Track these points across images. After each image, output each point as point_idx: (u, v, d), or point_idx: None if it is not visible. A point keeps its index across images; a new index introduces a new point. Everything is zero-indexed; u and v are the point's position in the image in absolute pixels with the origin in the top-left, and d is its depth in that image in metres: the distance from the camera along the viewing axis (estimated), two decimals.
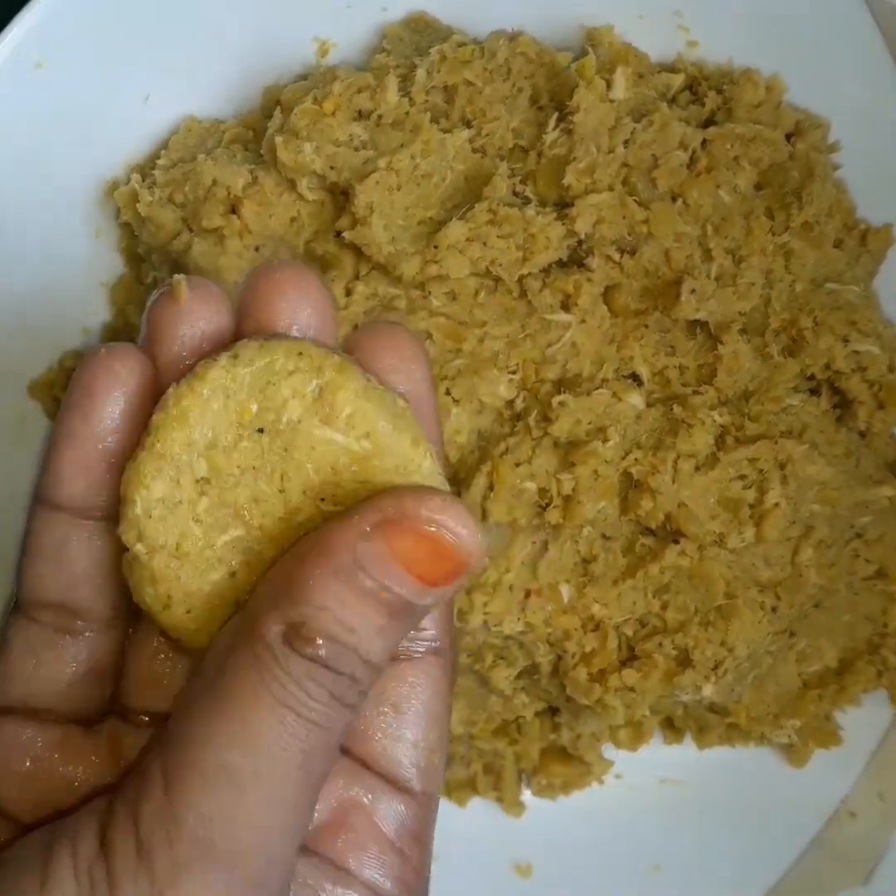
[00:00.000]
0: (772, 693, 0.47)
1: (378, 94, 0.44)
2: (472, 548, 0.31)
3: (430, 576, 0.31)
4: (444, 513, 0.30)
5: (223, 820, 0.29)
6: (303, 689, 0.30)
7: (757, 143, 0.45)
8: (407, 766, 0.35)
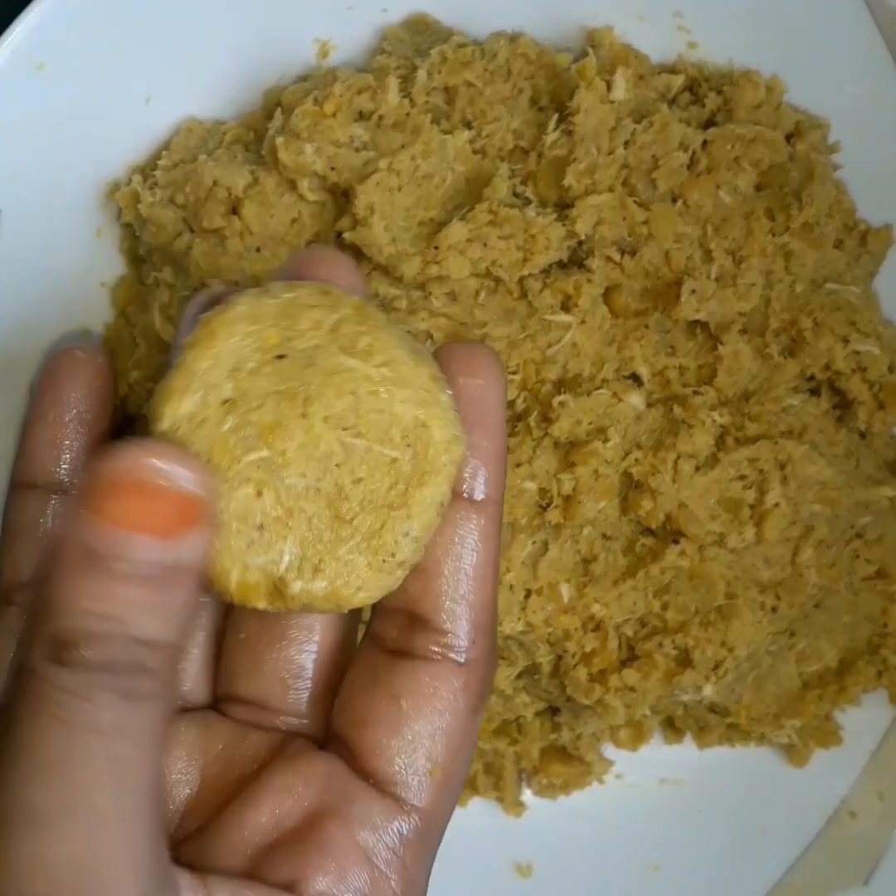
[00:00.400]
0: (772, 693, 0.47)
1: (379, 95, 0.44)
2: (186, 481, 0.29)
3: (160, 526, 0.28)
4: (141, 457, 0.28)
5: (35, 865, 0.26)
6: (89, 700, 0.27)
7: (757, 143, 0.45)
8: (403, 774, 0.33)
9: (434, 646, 0.34)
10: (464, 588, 0.34)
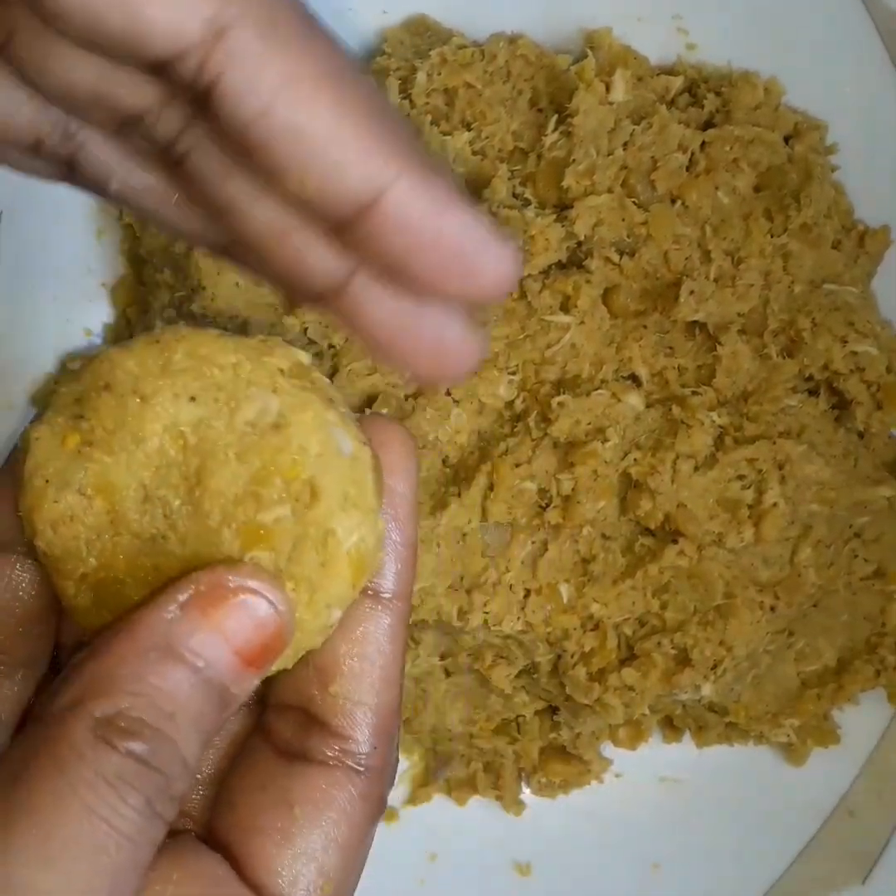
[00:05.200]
0: (770, 692, 0.47)
1: None
2: (289, 620, 0.29)
3: (249, 651, 0.29)
4: (260, 583, 0.29)
5: None
6: (118, 793, 0.26)
7: (755, 144, 0.46)
8: (292, 890, 0.31)
9: (331, 751, 0.32)
10: (366, 691, 0.32)
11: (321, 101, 0.27)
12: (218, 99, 0.27)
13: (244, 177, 0.30)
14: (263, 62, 0.27)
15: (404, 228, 0.28)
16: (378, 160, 0.28)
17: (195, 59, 0.27)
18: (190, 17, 0.27)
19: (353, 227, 0.29)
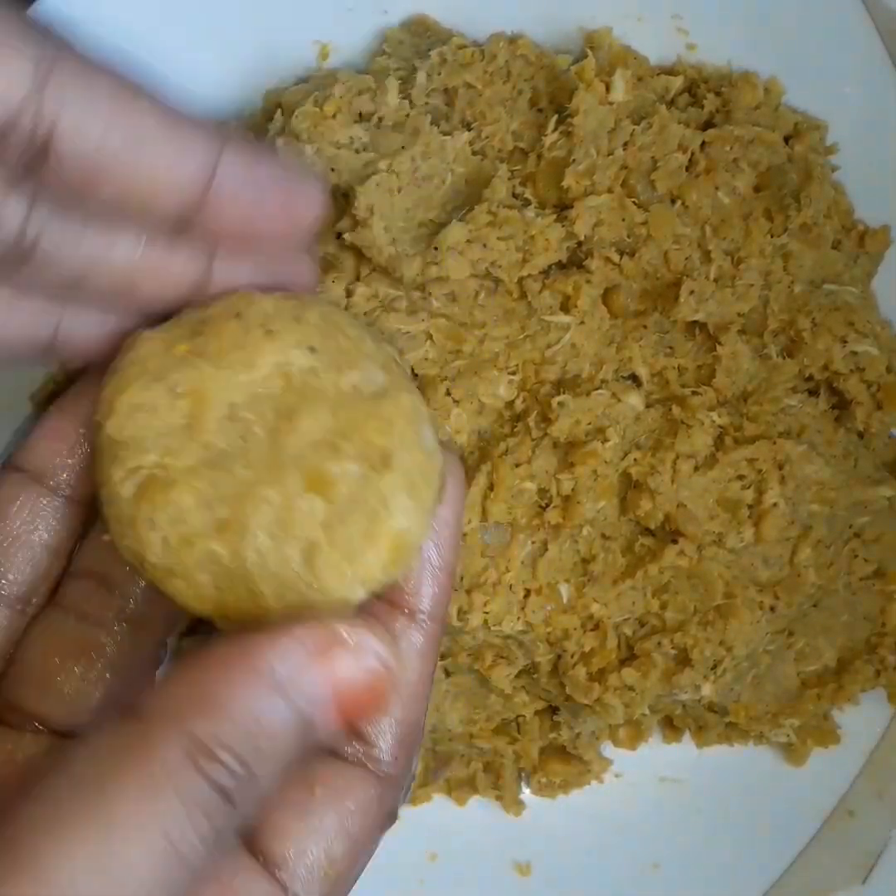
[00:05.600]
0: (770, 692, 0.47)
1: (378, 96, 0.44)
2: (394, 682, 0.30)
3: (352, 708, 0.29)
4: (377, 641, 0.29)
5: None
6: (192, 820, 0.26)
7: (755, 144, 0.46)
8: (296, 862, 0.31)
9: (357, 752, 0.33)
10: (394, 704, 0.33)
11: (144, 108, 0.30)
12: (58, 143, 0.29)
13: (95, 230, 0.32)
14: (91, 90, 0.29)
15: (243, 195, 0.32)
16: (203, 140, 0.31)
17: (29, 112, 0.28)
18: (15, 70, 0.28)
19: (199, 213, 0.32)
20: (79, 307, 0.34)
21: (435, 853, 0.51)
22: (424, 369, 0.44)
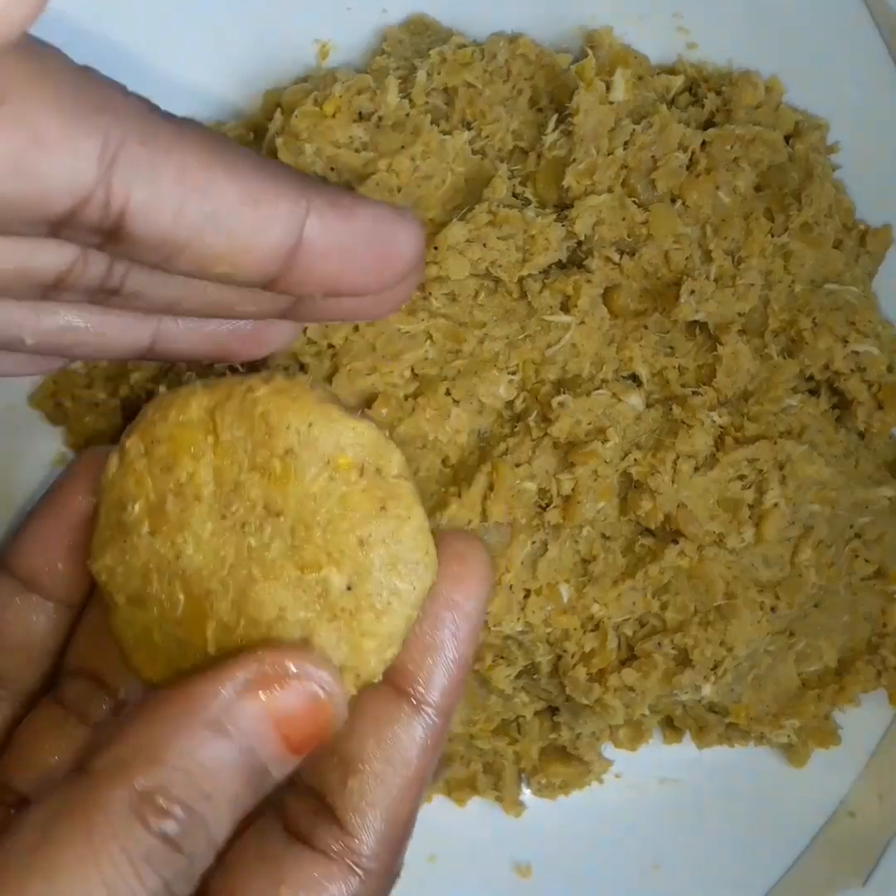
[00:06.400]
0: (771, 693, 0.47)
1: (378, 95, 0.44)
2: (342, 709, 0.29)
3: (297, 738, 0.29)
4: (320, 672, 0.29)
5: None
6: (139, 874, 0.26)
7: (756, 144, 0.45)
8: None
9: (336, 844, 0.32)
10: (383, 796, 0.32)
11: (219, 182, 0.29)
12: (130, 223, 0.28)
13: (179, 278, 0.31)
14: (159, 170, 0.28)
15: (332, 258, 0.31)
16: (284, 208, 0.30)
17: (98, 198, 0.27)
18: (83, 158, 0.27)
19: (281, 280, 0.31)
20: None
21: (435, 854, 0.50)
22: (424, 369, 0.44)
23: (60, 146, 0.26)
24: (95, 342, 0.33)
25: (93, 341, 0.33)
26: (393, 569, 0.32)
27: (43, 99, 0.26)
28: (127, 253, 0.29)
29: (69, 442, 0.48)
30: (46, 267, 0.30)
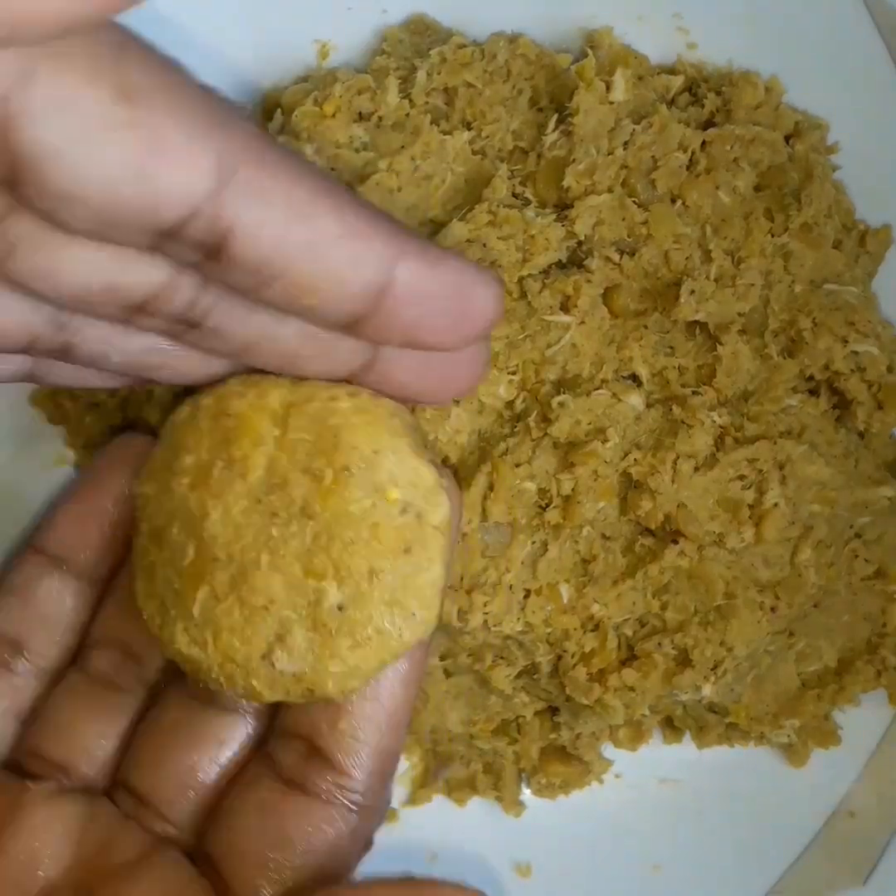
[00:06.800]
0: (771, 693, 0.47)
1: (378, 95, 0.44)
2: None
3: None
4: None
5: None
6: None
7: (756, 144, 0.45)
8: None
9: (330, 785, 0.33)
10: (373, 733, 0.33)
11: (321, 213, 0.29)
12: (233, 243, 0.28)
13: (264, 311, 0.31)
14: (268, 194, 0.28)
15: (417, 304, 0.31)
16: (380, 247, 0.30)
17: (207, 214, 0.28)
18: (199, 171, 0.27)
19: (364, 322, 0.31)
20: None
21: (435, 854, 0.50)
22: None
23: (180, 157, 0.27)
24: (177, 364, 0.34)
25: (174, 364, 0.34)
26: (389, 609, 0.32)
27: (167, 109, 0.27)
28: (222, 274, 0.30)
29: (69, 442, 0.48)
30: (136, 286, 0.30)
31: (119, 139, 0.26)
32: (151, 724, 0.38)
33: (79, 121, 0.26)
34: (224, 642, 0.33)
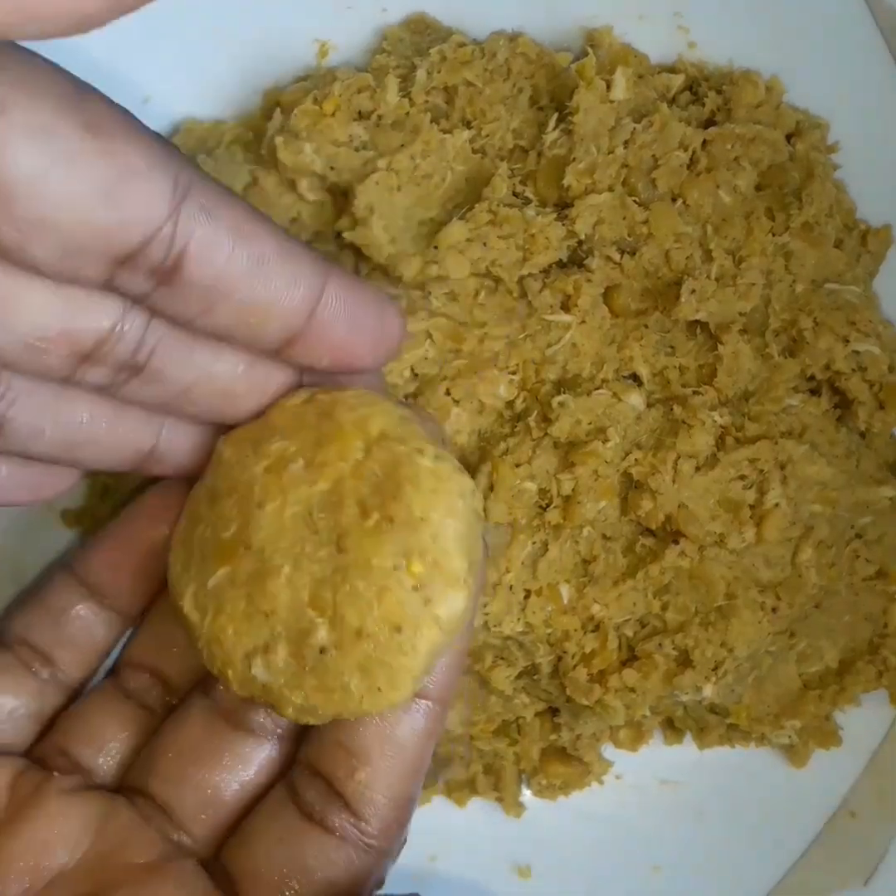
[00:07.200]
0: (772, 693, 0.47)
1: (378, 94, 0.44)
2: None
3: None
4: None
5: None
6: None
7: (757, 143, 0.45)
8: None
9: (347, 826, 0.35)
10: (391, 784, 0.35)
11: (261, 234, 0.32)
12: (187, 264, 0.31)
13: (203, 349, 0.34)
14: (217, 214, 0.31)
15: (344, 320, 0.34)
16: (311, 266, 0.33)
17: (165, 234, 0.30)
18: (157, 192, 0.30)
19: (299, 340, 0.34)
20: (178, 419, 0.36)
21: (435, 854, 0.50)
22: (424, 369, 0.44)
23: (144, 181, 0.29)
24: (104, 441, 0.35)
25: (102, 440, 0.35)
26: (359, 673, 0.33)
27: (128, 140, 0.29)
28: (171, 302, 0.32)
29: None
30: (89, 329, 0.32)
31: (91, 165, 0.28)
32: (177, 737, 0.39)
33: (55, 147, 0.28)
34: (219, 625, 0.34)
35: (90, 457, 0.36)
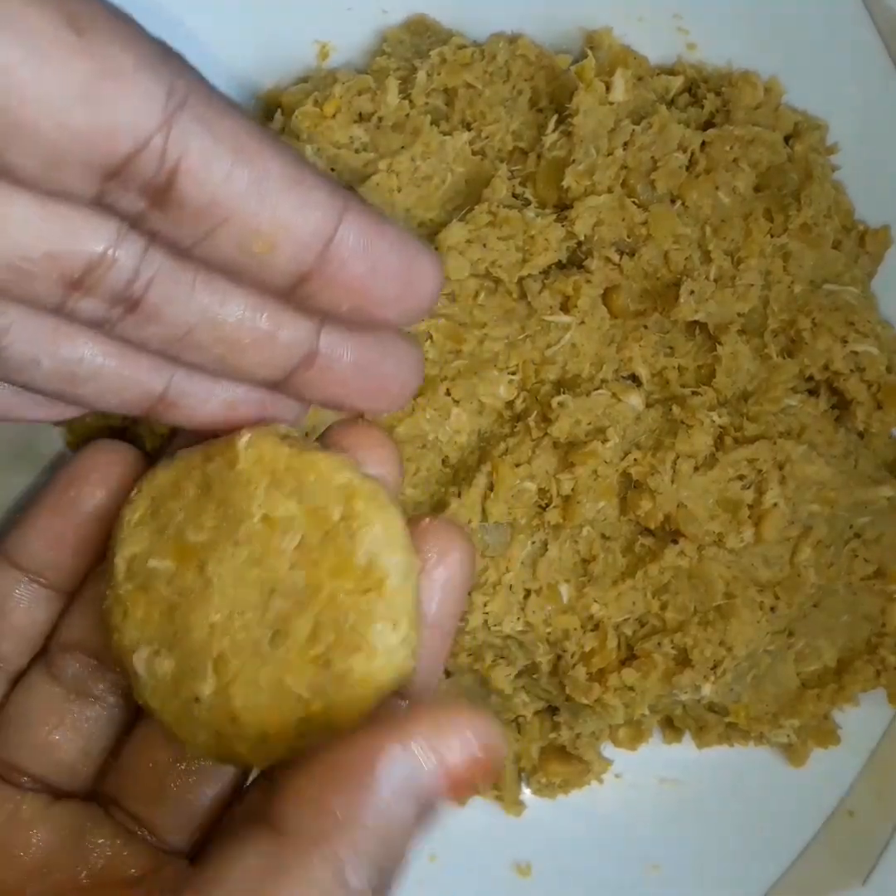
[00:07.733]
0: (771, 693, 0.47)
1: (378, 96, 0.44)
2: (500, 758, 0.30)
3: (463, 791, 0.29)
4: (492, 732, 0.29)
5: None
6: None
7: (756, 144, 0.45)
8: None
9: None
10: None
11: (266, 155, 0.29)
12: (181, 181, 0.28)
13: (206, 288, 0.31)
14: (216, 130, 0.28)
15: (364, 259, 0.30)
16: (326, 196, 0.30)
17: (156, 146, 0.27)
18: (150, 99, 0.27)
19: (313, 278, 0.30)
20: (188, 368, 0.33)
21: (435, 853, 0.50)
22: (424, 369, 0.44)
23: (131, 82, 0.26)
24: (108, 379, 0.33)
25: (105, 377, 0.33)
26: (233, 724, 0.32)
27: (119, 38, 0.26)
28: (167, 224, 0.29)
29: (69, 441, 0.48)
30: (78, 252, 0.29)
31: (68, 59, 0.26)
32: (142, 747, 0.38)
33: (28, 37, 0.25)
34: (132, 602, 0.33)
35: (93, 394, 0.33)
